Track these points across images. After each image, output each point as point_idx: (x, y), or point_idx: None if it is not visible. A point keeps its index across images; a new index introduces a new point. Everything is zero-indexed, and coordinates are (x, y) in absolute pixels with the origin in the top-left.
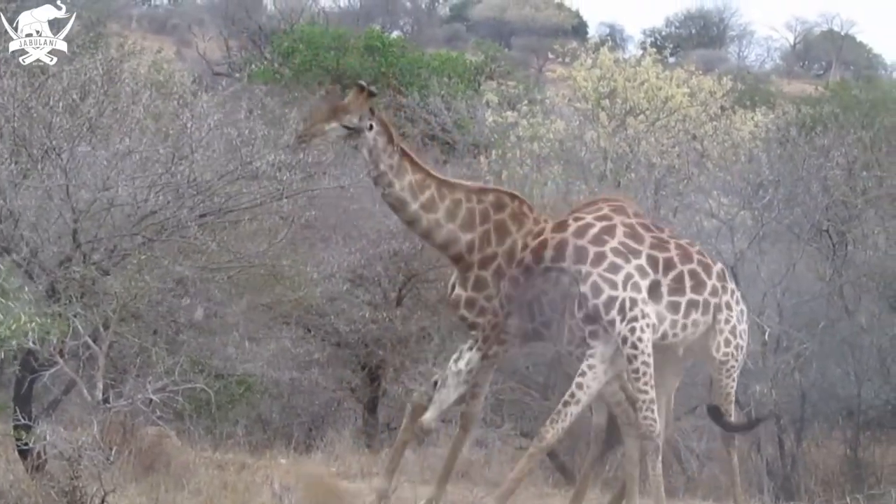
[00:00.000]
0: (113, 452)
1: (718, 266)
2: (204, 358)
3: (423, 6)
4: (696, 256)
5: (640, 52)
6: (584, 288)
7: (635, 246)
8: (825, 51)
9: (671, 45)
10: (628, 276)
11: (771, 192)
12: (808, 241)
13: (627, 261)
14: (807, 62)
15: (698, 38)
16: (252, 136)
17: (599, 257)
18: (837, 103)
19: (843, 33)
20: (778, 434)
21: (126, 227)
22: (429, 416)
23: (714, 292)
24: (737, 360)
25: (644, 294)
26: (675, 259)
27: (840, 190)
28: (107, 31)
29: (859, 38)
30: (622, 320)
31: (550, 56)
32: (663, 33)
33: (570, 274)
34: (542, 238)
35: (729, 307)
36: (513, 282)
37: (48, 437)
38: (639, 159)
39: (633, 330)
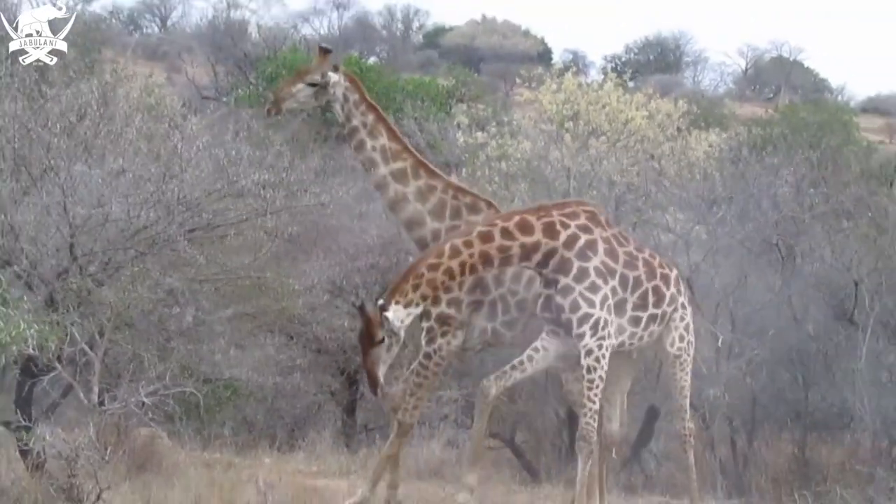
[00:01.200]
0: (108, 452)
1: (675, 273)
2: (193, 364)
3: (398, 34)
4: (658, 270)
5: (602, 76)
6: (562, 300)
7: (612, 265)
8: (775, 76)
9: (631, 71)
10: (605, 298)
11: (724, 209)
12: (759, 255)
13: (606, 282)
14: (758, 86)
15: (656, 63)
16: (238, 157)
17: (582, 274)
18: (786, 125)
19: (791, 59)
20: (730, 435)
21: (120, 242)
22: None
23: (672, 301)
24: (689, 355)
25: (613, 315)
26: (643, 277)
27: (789, 206)
28: (101, 58)
29: (807, 63)
30: (592, 336)
31: (517, 81)
32: (623, 59)
33: (547, 279)
34: (534, 240)
35: (684, 307)
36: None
37: (47, 438)
38: (600, 177)
39: (599, 346)
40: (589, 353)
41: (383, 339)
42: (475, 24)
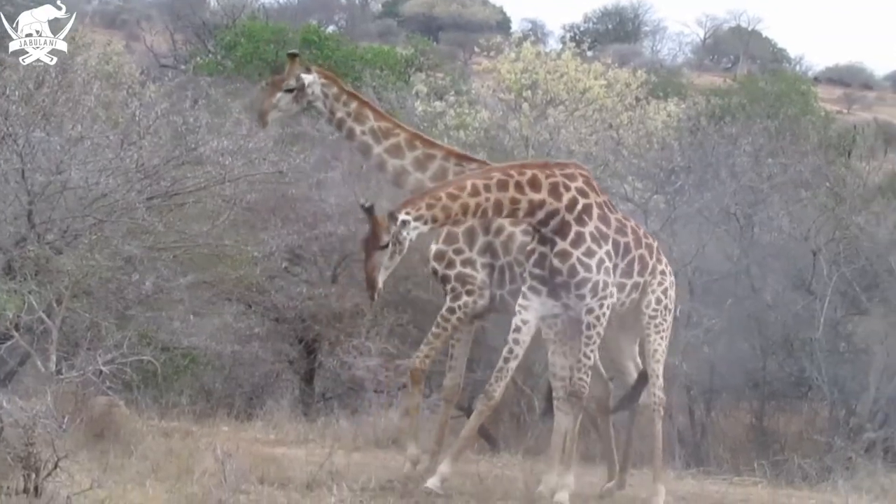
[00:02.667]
0: (65, 421)
1: (656, 243)
2: (151, 332)
3: (357, 2)
4: (643, 240)
5: (561, 46)
6: (559, 262)
7: (605, 230)
8: (733, 45)
9: (589, 40)
10: (601, 261)
11: (682, 178)
12: (717, 224)
13: (600, 246)
14: (716, 56)
15: (614, 33)
16: (197, 124)
17: (579, 238)
18: (745, 95)
19: (750, 29)
20: (688, 404)
21: (78, 209)
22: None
23: (653, 271)
24: (665, 320)
25: (611, 276)
26: (631, 244)
27: (747, 176)
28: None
29: (765, 33)
30: (593, 297)
31: (476, 50)
32: (582, 29)
33: (544, 236)
34: (541, 198)
35: (663, 274)
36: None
37: (4, 406)
38: (559, 147)
39: (601, 305)
40: (590, 311)
41: (387, 245)
42: None
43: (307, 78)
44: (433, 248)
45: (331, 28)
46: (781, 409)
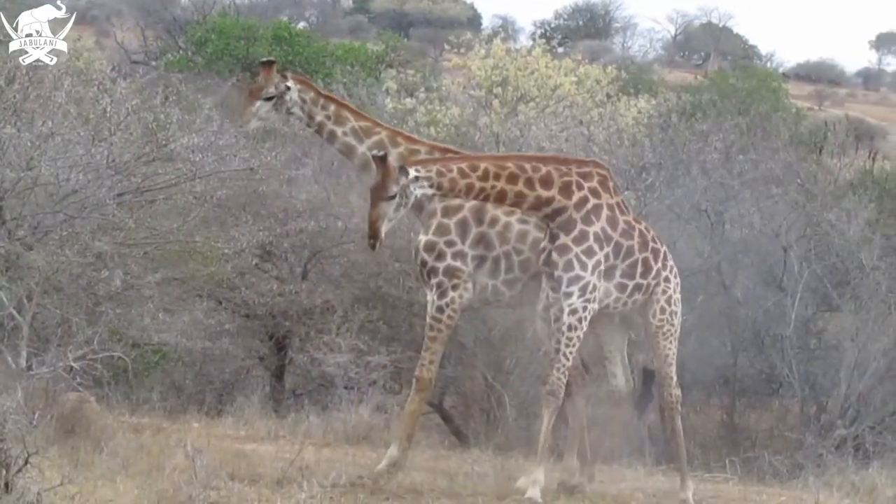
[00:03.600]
0: (36, 417)
1: (664, 249)
2: (121, 328)
3: None
4: (650, 244)
5: (531, 42)
6: (557, 257)
7: (610, 233)
8: (704, 42)
9: (560, 37)
10: (597, 264)
11: (653, 175)
12: (688, 221)
13: (601, 248)
14: (687, 52)
15: (585, 29)
16: (167, 121)
17: (582, 237)
18: (716, 91)
19: (721, 25)
20: (658, 401)
21: (48, 205)
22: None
23: (656, 275)
24: (672, 325)
25: (602, 280)
26: (635, 247)
27: (718, 172)
28: None
29: (736, 30)
30: (580, 297)
31: (447, 46)
32: (552, 25)
33: (552, 233)
34: (549, 195)
35: (667, 281)
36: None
37: None
38: (529, 143)
39: (584, 308)
40: (573, 311)
41: (394, 196)
42: None
43: (289, 93)
44: (422, 238)
45: (301, 24)
46: (752, 405)
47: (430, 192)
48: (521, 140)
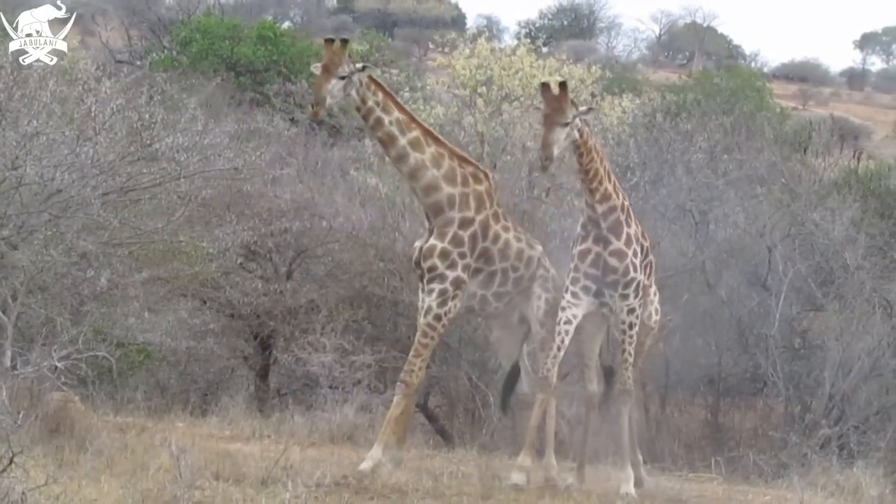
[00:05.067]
0: (21, 416)
1: (651, 259)
2: (106, 327)
3: None
4: (647, 249)
5: (515, 42)
6: (617, 262)
7: (637, 234)
8: (688, 42)
9: (544, 36)
10: (638, 263)
11: (638, 174)
12: (673, 220)
13: (640, 248)
14: (671, 52)
15: (570, 29)
16: (152, 120)
17: (629, 240)
18: (700, 91)
19: (705, 25)
20: (643, 400)
21: (33, 205)
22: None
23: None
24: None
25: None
26: (648, 249)
27: (702, 172)
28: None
29: (720, 29)
30: (635, 297)
31: (431, 46)
32: (537, 25)
33: (601, 237)
34: (612, 190)
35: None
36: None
37: None
38: (514, 143)
39: (639, 305)
40: (632, 311)
41: (568, 124)
42: None
43: (357, 75)
44: (437, 245)
45: (286, 24)
46: (736, 405)
47: (577, 139)
48: (506, 139)
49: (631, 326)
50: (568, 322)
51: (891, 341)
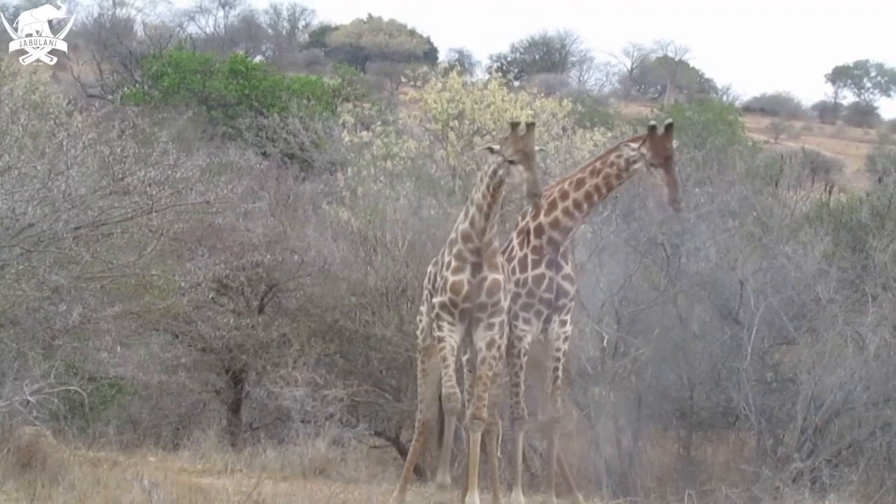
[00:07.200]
0: None
1: None
2: (78, 362)
3: (284, 33)
4: None
5: (487, 76)
6: (568, 285)
7: None
8: (660, 75)
9: (516, 70)
10: None
11: (609, 208)
12: (644, 254)
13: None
14: (643, 86)
15: (541, 63)
16: (124, 154)
17: (571, 265)
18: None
19: (677, 59)
20: (616, 434)
21: (5, 239)
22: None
23: None
24: None
25: None
26: None
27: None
28: None
29: (692, 63)
30: (570, 324)
31: (403, 80)
32: (509, 58)
33: (553, 262)
34: None
35: None
36: None
37: None
38: None
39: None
40: (567, 338)
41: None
42: (361, 23)
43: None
44: (500, 279)
45: (258, 58)
46: (709, 438)
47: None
48: (478, 173)
49: (563, 354)
50: (526, 352)
51: (863, 375)
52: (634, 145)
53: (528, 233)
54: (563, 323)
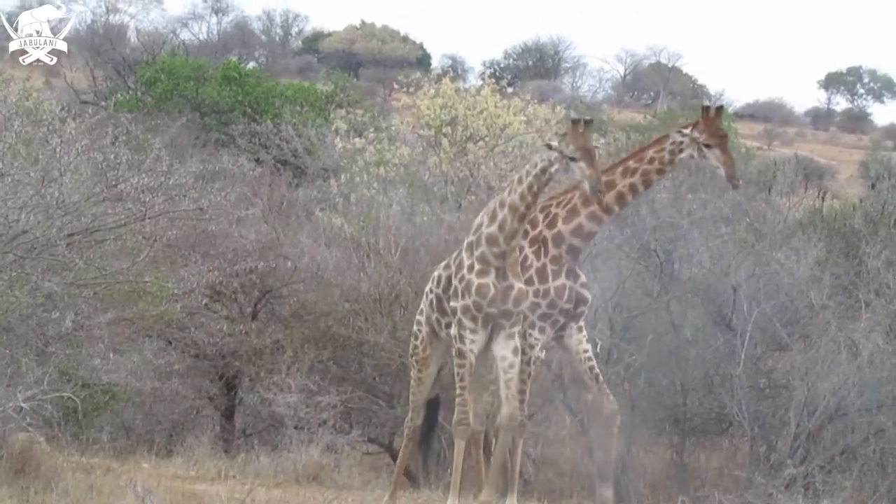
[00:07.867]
0: None
1: None
2: (71, 368)
3: (277, 39)
4: None
5: (480, 82)
6: (585, 292)
7: None
8: (653, 81)
9: (509, 76)
10: None
11: None
12: (638, 260)
13: None
14: (636, 92)
15: (534, 69)
16: (117, 161)
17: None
18: (665, 131)
19: (670, 65)
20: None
21: None
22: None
23: None
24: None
25: None
26: None
27: (667, 212)
28: None
29: (685, 69)
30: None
31: (396, 86)
32: (502, 65)
33: (571, 271)
34: None
35: None
36: None
37: None
38: (478, 182)
39: None
40: (588, 339)
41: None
42: (354, 30)
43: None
44: (525, 289)
45: (251, 64)
46: (702, 444)
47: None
48: (471, 179)
49: (591, 355)
50: (538, 360)
51: (856, 381)
52: (686, 131)
53: (544, 241)
54: (580, 329)
